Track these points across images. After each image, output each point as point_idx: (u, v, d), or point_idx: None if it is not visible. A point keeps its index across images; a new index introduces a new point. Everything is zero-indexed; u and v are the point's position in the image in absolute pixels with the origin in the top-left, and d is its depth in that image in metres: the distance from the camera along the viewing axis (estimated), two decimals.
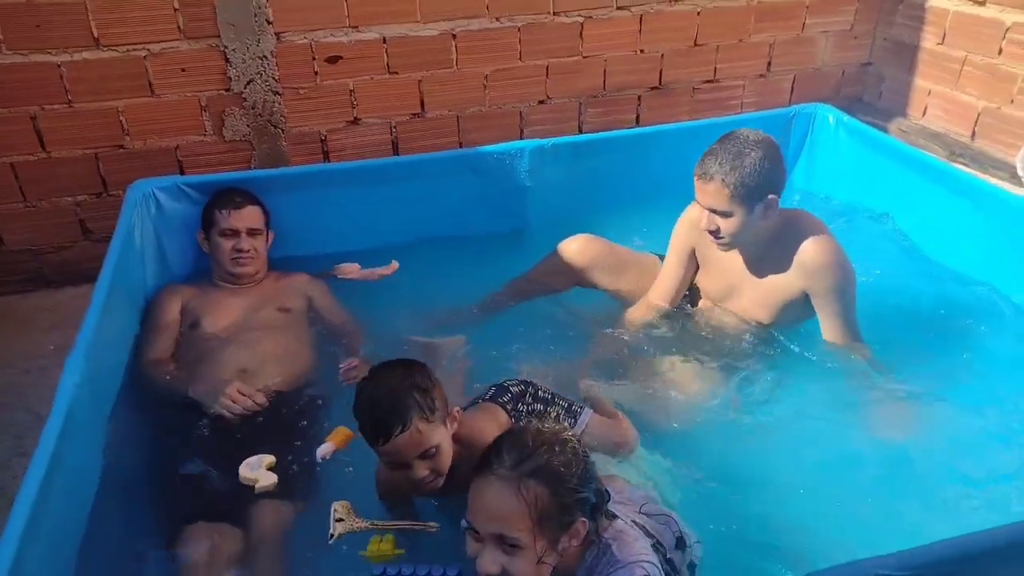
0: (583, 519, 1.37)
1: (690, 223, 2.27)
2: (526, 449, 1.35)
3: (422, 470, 1.56)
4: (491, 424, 1.65)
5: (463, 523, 1.39)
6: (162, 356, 2.25)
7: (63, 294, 3.14)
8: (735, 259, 2.22)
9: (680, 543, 1.54)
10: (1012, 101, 3.33)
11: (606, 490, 1.43)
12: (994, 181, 3.13)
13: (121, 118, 2.99)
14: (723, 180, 2.00)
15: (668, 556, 1.49)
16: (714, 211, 2.06)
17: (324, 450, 1.79)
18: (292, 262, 2.62)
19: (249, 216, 2.47)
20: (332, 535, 1.59)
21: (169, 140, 3.08)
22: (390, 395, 1.53)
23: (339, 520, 1.61)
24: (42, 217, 3.06)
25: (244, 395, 2.01)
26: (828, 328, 2.18)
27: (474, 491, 1.36)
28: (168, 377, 2.16)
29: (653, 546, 1.44)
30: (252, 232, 2.46)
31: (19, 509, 1.26)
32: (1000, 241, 2.41)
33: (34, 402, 2.54)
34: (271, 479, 1.81)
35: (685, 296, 2.41)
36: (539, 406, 1.71)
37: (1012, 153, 3.27)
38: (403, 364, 1.62)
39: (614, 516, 1.44)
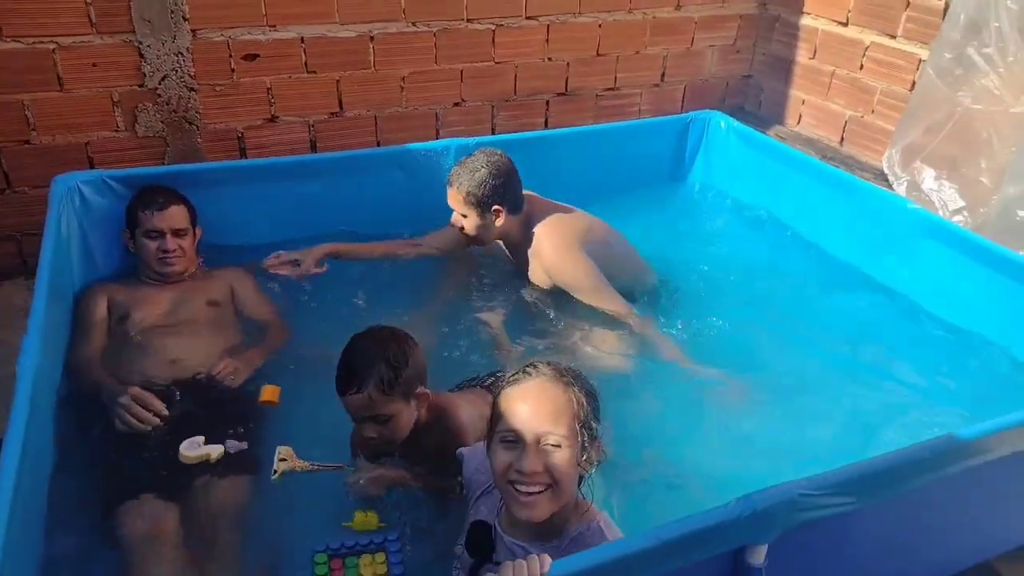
0: (596, 445, 1.43)
1: None
2: (556, 365, 1.45)
3: (369, 431, 1.69)
4: (469, 408, 1.79)
5: (500, 433, 1.39)
6: (92, 354, 2.20)
7: None
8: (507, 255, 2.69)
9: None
10: (872, 111, 3.77)
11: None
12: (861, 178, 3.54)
13: (27, 112, 2.89)
14: (456, 187, 2.48)
15: None
16: (456, 210, 2.51)
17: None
18: (220, 250, 2.64)
19: (173, 216, 2.43)
20: (275, 472, 1.69)
21: (79, 136, 3.00)
22: (359, 358, 1.66)
23: (282, 460, 1.70)
24: None
25: (142, 405, 1.93)
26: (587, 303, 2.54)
27: (519, 395, 1.40)
28: (92, 377, 2.10)
29: None
30: (177, 232, 2.43)
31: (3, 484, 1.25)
32: (864, 226, 2.77)
33: None
34: (218, 448, 1.83)
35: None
36: None
37: (874, 157, 3.69)
38: (386, 334, 1.72)
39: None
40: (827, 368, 2.38)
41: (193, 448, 1.83)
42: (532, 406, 1.38)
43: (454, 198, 2.50)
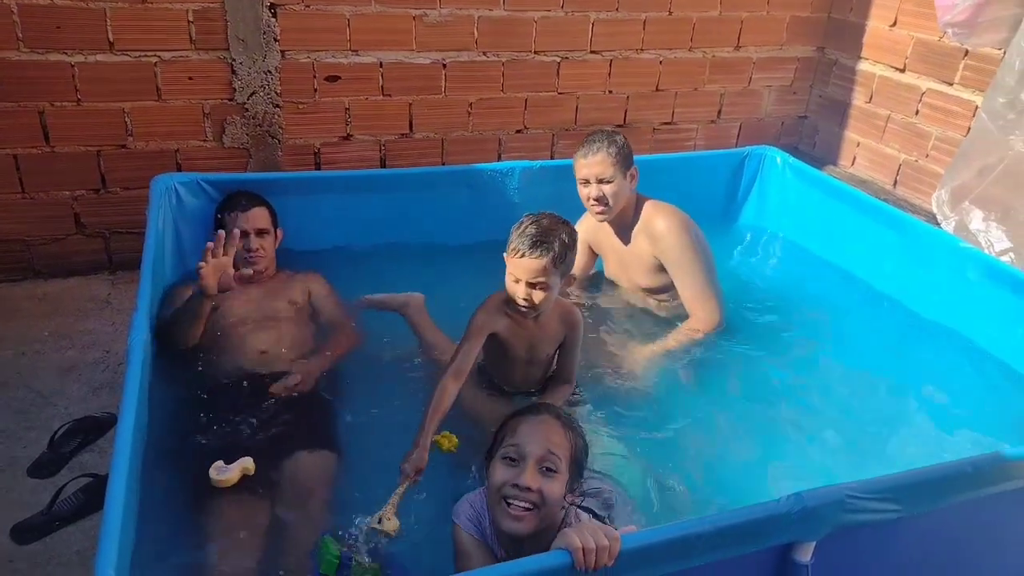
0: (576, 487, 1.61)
1: (584, 223, 2.74)
2: (561, 412, 1.68)
3: (524, 293, 2.00)
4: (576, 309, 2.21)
5: (503, 449, 1.55)
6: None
7: (51, 285, 3.21)
8: (616, 241, 2.74)
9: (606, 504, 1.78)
10: (927, 155, 3.84)
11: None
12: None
13: (127, 119, 3.13)
14: (606, 151, 2.53)
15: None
16: (600, 180, 2.55)
17: None
18: (297, 254, 2.82)
19: (256, 217, 2.61)
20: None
21: (171, 143, 3.23)
22: (548, 231, 1.99)
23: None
24: (38, 209, 3.14)
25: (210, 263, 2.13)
26: (680, 289, 2.65)
27: (529, 423, 1.59)
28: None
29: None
30: (260, 232, 2.60)
31: (119, 461, 1.39)
32: (915, 264, 2.84)
33: (33, 381, 2.63)
34: (248, 460, 1.90)
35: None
36: None
37: (927, 200, 3.75)
38: (561, 220, 2.08)
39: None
40: (878, 399, 2.46)
41: (224, 472, 1.88)
42: (538, 434, 1.56)
43: (602, 162, 2.52)
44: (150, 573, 1.64)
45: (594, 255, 2.91)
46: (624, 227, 2.70)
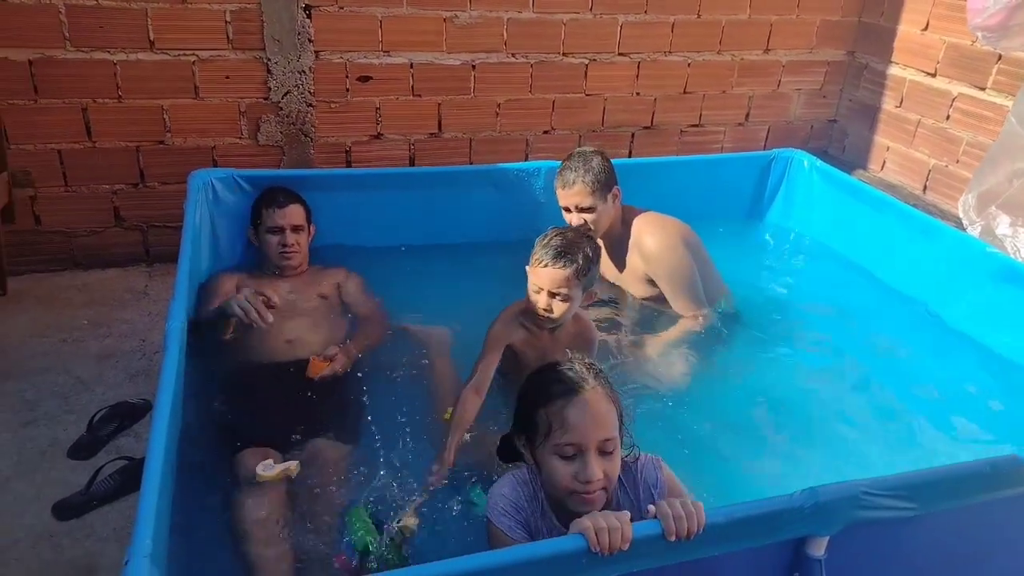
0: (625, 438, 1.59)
1: None
2: (591, 367, 1.57)
3: (546, 300, 2.06)
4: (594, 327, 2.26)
5: (556, 446, 1.48)
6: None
7: (90, 276, 3.32)
8: (605, 257, 2.71)
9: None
10: (958, 161, 3.81)
11: None
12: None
13: (165, 116, 3.23)
14: (582, 181, 2.55)
15: None
16: (580, 209, 2.59)
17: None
18: (329, 249, 2.89)
19: (292, 214, 2.69)
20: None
21: (207, 140, 3.33)
22: (572, 243, 2.07)
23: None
24: (79, 202, 3.25)
25: (252, 302, 2.12)
26: (671, 302, 2.68)
27: (576, 408, 1.48)
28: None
29: None
30: (296, 228, 2.68)
31: (155, 443, 1.45)
32: (941, 268, 2.83)
33: (74, 367, 2.74)
34: (295, 463, 1.95)
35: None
36: None
37: (956, 206, 3.72)
38: (589, 237, 2.19)
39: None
40: (899, 400, 2.48)
41: (269, 469, 1.92)
42: (588, 418, 1.47)
43: (579, 193, 2.56)
44: (181, 552, 1.71)
45: None
46: (614, 244, 2.73)
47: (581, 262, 2.04)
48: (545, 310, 2.06)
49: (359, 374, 2.33)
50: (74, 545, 2.04)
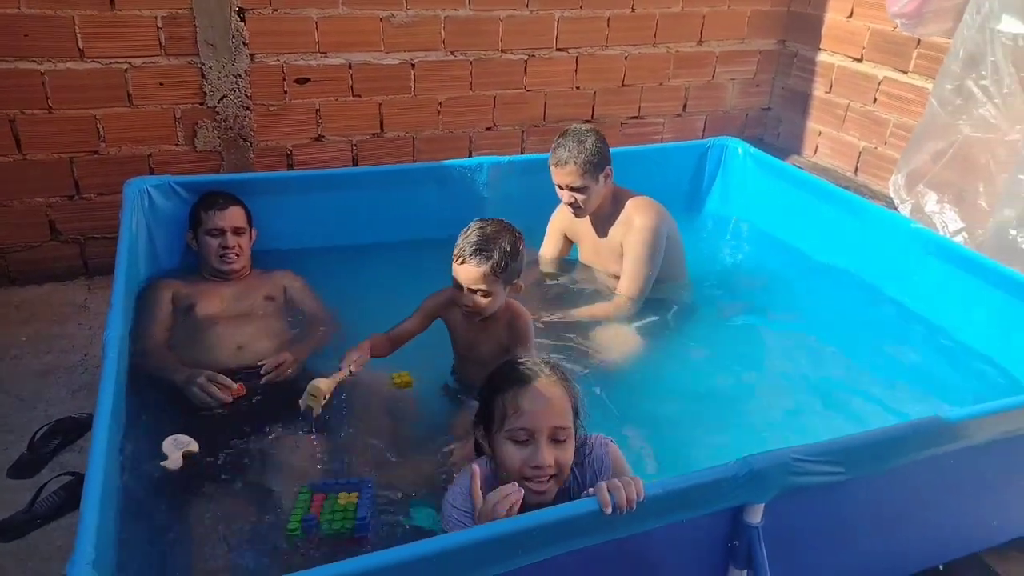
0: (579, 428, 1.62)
1: (559, 212, 2.89)
2: (549, 363, 1.62)
3: (467, 298, 2.05)
4: (531, 320, 2.19)
5: (510, 431, 1.51)
6: (157, 342, 2.41)
7: (27, 292, 3.24)
8: (592, 231, 2.83)
9: None
10: (885, 142, 3.95)
11: None
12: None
13: (99, 126, 3.17)
14: (574, 162, 2.59)
15: None
16: (572, 187, 2.64)
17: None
18: (270, 254, 2.87)
19: (233, 216, 2.66)
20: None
21: (143, 148, 3.27)
22: (488, 239, 2.03)
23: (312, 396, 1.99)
24: (12, 216, 3.17)
25: (216, 385, 2.14)
26: (621, 277, 2.74)
27: (529, 395, 1.52)
28: (163, 362, 2.31)
29: None
30: (237, 231, 2.66)
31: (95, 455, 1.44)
32: (871, 245, 2.95)
33: (13, 386, 2.67)
34: (178, 464, 1.92)
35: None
36: None
37: (886, 186, 3.86)
38: (507, 226, 2.10)
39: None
40: (835, 370, 2.60)
41: (175, 446, 1.92)
42: (542, 406, 1.51)
43: (571, 173, 2.59)
44: (133, 565, 1.70)
45: (569, 243, 3.01)
46: (601, 219, 2.80)
47: (497, 258, 2.01)
48: (467, 305, 2.07)
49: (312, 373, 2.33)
50: (18, 566, 1.99)
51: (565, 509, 1.39)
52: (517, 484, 1.45)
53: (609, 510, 1.38)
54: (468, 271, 2.02)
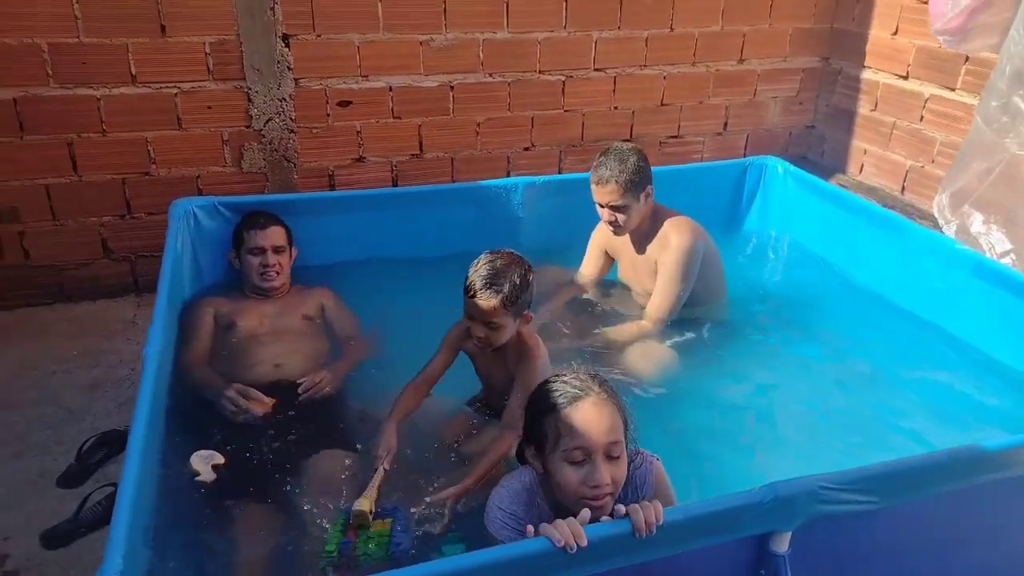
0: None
1: (599, 229, 2.91)
2: (595, 377, 1.60)
3: (479, 331, 2.06)
4: (547, 360, 2.13)
5: (565, 452, 1.51)
6: (199, 357, 2.49)
7: (81, 308, 3.37)
8: (631, 248, 2.85)
9: None
10: (933, 161, 3.86)
11: None
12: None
13: (149, 148, 3.30)
14: (615, 181, 2.59)
15: None
16: (612, 206, 2.64)
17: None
18: (311, 271, 2.94)
19: (273, 235, 2.74)
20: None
21: (192, 169, 3.39)
22: (497, 272, 2.02)
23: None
24: (68, 235, 3.31)
25: (246, 399, 2.20)
26: (653, 296, 2.74)
27: (581, 414, 1.52)
28: (202, 376, 2.39)
29: None
30: (277, 249, 2.73)
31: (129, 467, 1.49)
32: (912, 266, 2.88)
33: (64, 399, 2.78)
34: (211, 476, 1.99)
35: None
36: None
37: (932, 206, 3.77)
38: (516, 259, 2.09)
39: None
40: (875, 395, 2.54)
41: (201, 460, 1.98)
42: (595, 425, 1.51)
43: (612, 192, 2.61)
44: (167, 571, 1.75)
45: (610, 260, 3.01)
46: (640, 237, 2.81)
47: (508, 291, 2.00)
48: (478, 337, 2.07)
49: (348, 393, 2.38)
50: (62, 573, 2.07)
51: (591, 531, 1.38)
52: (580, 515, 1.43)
53: (619, 514, 1.39)
54: (479, 305, 2.02)
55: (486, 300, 2.01)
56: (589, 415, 1.52)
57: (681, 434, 2.31)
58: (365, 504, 1.82)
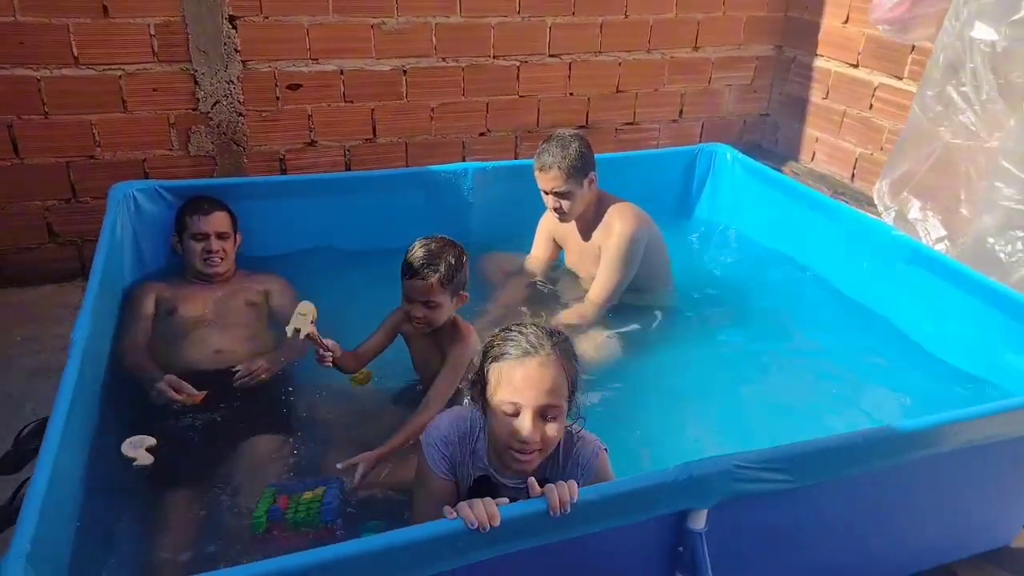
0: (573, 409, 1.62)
1: (547, 216, 2.92)
2: (553, 335, 1.57)
3: (418, 311, 2.11)
4: (475, 337, 2.18)
5: (500, 401, 1.53)
6: (136, 343, 2.46)
7: (26, 293, 3.32)
8: (577, 236, 2.87)
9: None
10: (881, 148, 3.92)
11: None
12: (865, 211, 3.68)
13: (94, 131, 3.24)
14: (558, 167, 2.62)
15: None
16: (556, 192, 2.67)
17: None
18: (255, 259, 2.91)
19: (217, 221, 2.70)
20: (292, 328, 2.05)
21: (138, 153, 3.34)
22: (432, 254, 2.09)
23: (302, 315, 2.10)
24: (10, 220, 3.25)
25: (177, 391, 2.19)
26: (595, 282, 2.76)
27: (525, 371, 1.51)
28: (136, 362, 2.37)
29: None
30: (221, 235, 2.69)
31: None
32: (855, 252, 2.92)
33: (4, 384, 2.73)
34: (148, 459, 1.97)
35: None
36: None
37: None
38: (449, 242, 2.16)
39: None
40: (811, 377, 2.60)
41: (132, 447, 1.97)
42: (535, 384, 1.50)
43: (555, 178, 2.63)
44: (94, 566, 1.75)
45: (558, 246, 3.04)
46: (585, 224, 2.84)
47: (443, 270, 2.07)
48: (416, 318, 2.12)
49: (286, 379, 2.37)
50: None
51: (506, 510, 1.40)
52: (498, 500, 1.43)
53: (537, 493, 1.41)
54: (416, 284, 2.08)
55: (423, 279, 2.06)
56: (531, 372, 1.51)
57: (625, 419, 2.33)
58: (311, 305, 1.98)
